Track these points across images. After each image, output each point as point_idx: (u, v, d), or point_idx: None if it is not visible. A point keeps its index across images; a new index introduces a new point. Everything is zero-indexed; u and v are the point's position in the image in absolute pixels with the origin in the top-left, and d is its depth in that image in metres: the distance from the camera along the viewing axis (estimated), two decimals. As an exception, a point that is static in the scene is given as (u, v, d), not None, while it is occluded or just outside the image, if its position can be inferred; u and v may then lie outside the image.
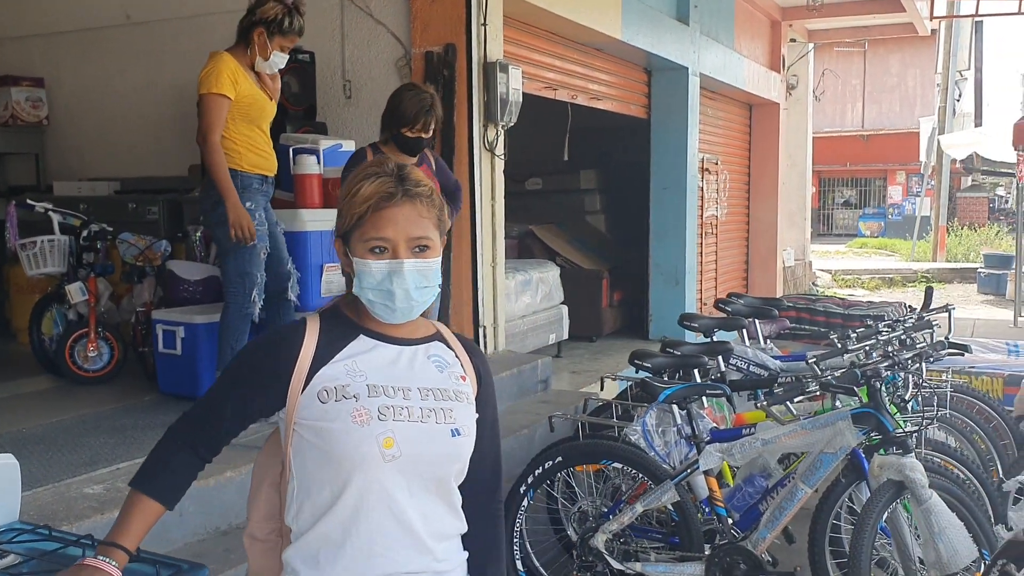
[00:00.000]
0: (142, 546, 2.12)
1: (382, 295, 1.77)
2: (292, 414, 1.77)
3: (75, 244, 5.61)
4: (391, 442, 1.72)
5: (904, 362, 3.98)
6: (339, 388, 1.75)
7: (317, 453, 1.76)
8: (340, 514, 1.74)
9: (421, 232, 1.78)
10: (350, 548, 1.75)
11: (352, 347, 1.81)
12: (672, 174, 9.59)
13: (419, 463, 1.76)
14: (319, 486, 1.76)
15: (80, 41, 7.48)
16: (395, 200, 1.76)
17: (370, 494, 1.73)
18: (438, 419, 1.78)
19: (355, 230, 1.79)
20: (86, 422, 4.71)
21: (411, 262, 1.77)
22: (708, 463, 3.94)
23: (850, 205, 32.85)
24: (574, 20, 7.13)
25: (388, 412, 1.74)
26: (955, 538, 3.53)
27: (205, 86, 4.40)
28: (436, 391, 1.81)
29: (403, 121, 4.42)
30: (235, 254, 4.51)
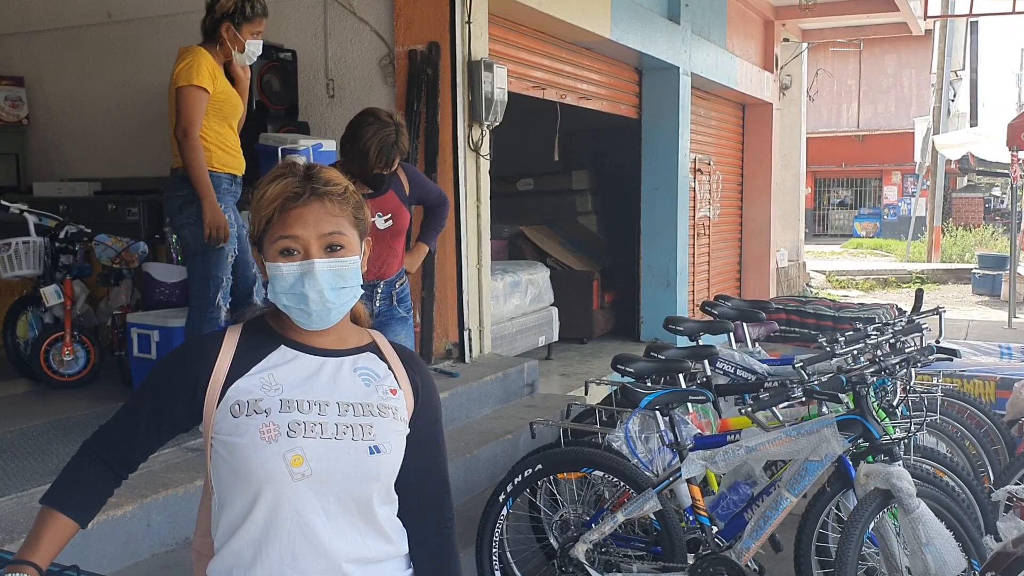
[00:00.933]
0: (100, 560, 2.04)
1: (296, 299, 1.69)
2: (208, 428, 1.70)
3: (51, 246, 5.52)
4: (300, 460, 1.64)
5: (891, 367, 3.89)
6: (251, 402, 1.67)
7: (228, 468, 1.68)
8: (250, 532, 1.67)
9: (332, 229, 1.70)
10: (260, 568, 1.67)
11: (271, 359, 1.73)
12: (663, 175, 9.51)
13: (332, 482, 1.66)
14: (231, 502, 1.69)
15: (61, 39, 7.38)
16: (302, 199, 1.69)
17: (279, 513, 1.65)
18: (355, 435, 1.69)
19: (265, 234, 1.71)
20: (56, 428, 4.60)
21: (323, 262, 1.69)
22: (690, 471, 3.85)
23: (845, 206, 32.84)
24: (562, 18, 7.04)
25: (298, 428, 1.65)
26: (943, 548, 3.45)
27: (184, 78, 4.29)
28: (357, 406, 1.72)
29: (365, 161, 3.91)
30: (202, 256, 4.42)
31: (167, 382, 1.76)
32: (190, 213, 4.35)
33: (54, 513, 1.73)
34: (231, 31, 4.39)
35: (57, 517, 1.73)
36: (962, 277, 18.61)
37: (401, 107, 6.00)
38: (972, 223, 26.88)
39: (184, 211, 4.38)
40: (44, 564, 1.69)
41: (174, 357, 1.81)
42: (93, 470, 1.77)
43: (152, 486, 3.68)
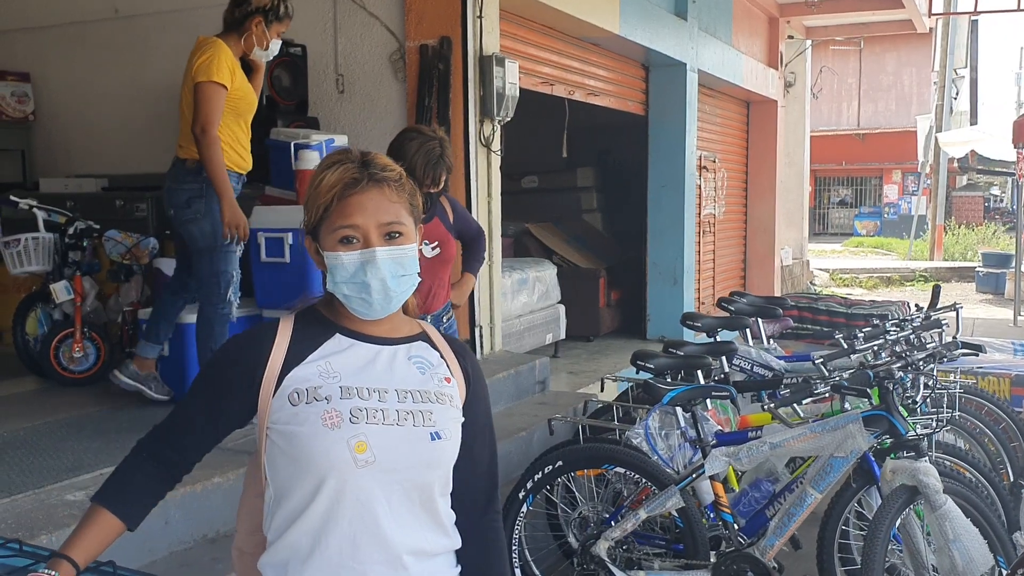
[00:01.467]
0: (118, 560, 2.00)
1: (357, 288, 1.67)
2: (264, 419, 1.66)
3: (60, 242, 5.47)
4: (364, 446, 1.61)
5: (916, 363, 3.85)
6: (311, 390, 1.64)
7: (287, 459, 1.64)
8: (310, 523, 1.63)
9: (392, 217, 1.67)
10: (318, 559, 1.63)
11: (326, 347, 1.71)
12: (670, 172, 9.47)
13: (396, 469, 1.64)
14: (290, 494, 1.65)
15: (67, 35, 7.34)
16: (361, 186, 1.66)
17: (341, 502, 1.62)
18: (416, 422, 1.67)
19: (323, 222, 1.68)
20: (70, 425, 4.56)
21: (384, 250, 1.66)
22: (714, 467, 3.80)
23: (846, 204, 32.84)
24: (571, 14, 7.01)
25: (360, 414, 1.63)
26: (971, 545, 3.41)
27: (205, 73, 4.23)
28: (415, 393, 1.70)
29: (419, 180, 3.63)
30: (210, 253, 4.38)
31: (222, 377, 1.72)
32: (199, 208, 4.30)
33: (102, 511, 1.69)
34: (261, 27, 4.36)
35: (105, 515, 1.69)
36: (965, 275, 18.59)
37: (412, 102, 5.97)
38: (972, 222, 26.88)
39: (192, 205, 4.33)
40: (83, 562, 1.66)
41: (227, 351, 1.77)
42: (146, 470, 1.74)
43: (170, 483, 3.64)
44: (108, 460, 3.93)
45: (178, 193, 4.42)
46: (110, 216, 6.08)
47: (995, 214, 30.34)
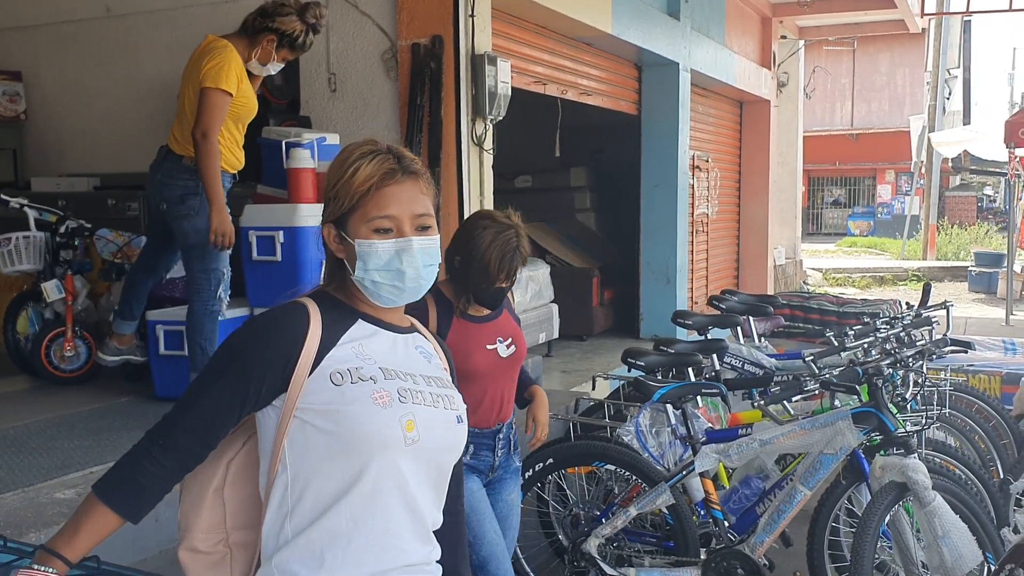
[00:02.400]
0: (107, 557, 1.99)
1: (391, 276, 1.70)
2: (294, 400, 1.64)
3: (51, 241, 5.46)
4: (412, 425, 1.66)
5: (906, 360, 3.87)
6: (353, 371, 1.66)
7: (327, 439, 1.63)
8: (353, 504, 1.63)
9: (424, 209, 1.73)
10: (363, 541, 1.64)
11: (353, 331, 1.73)
12: (663, 171, 9.48)
13: (431, 448, 1.70)
14: (324, 476, 1.63)
15: (59, 34, 7.31)
16: (397, 177, 1.71)
17: (387, 480, 1.65)
18: (446, 405, 1.75)
19: (355, 211, 1.70)
20: (60, 424, 4.55)
21: (419, 239, 1.71)
22: (704, 464, 3.82)
23: (839, 204, 32.91)
24: (564, 13, 7.01)
25: (407, 395, 1.68)
26: (959, 541, 3.43)
27: (213, 80, 4.22)
28: (434, 379, 1.78)
29: (485, 274, 3.11)
30: (201, 250, 4.39)
31: (255, 358, 1.65)
32: (193, 205, 4.31)
33: (101, 506, 1.65)
34: (271, 45, 4.38)
35: (105, 511, 1.65)
36: (958, 275, 18.65)
37: (404, 101, 5.97)
38: (965, 222, 26.96)
39: (187, 202, 4.34)
40: (75, 558, 1.63)
41: (258, 332, 1.69)
42: (153, 463, 1.67)
43: (160, 481, 3.64)
44: (98, 459, 3.93)
45: (172, 188, 4.43)
46: (102, 215, 6.07)
47: (988, 214, 30.43)
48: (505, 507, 3.30)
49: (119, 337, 5.00)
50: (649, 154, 9.51)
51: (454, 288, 3.17)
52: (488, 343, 3.15)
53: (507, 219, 3.20)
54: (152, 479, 1.67)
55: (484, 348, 3.13)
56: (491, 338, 3.16)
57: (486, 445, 3.17)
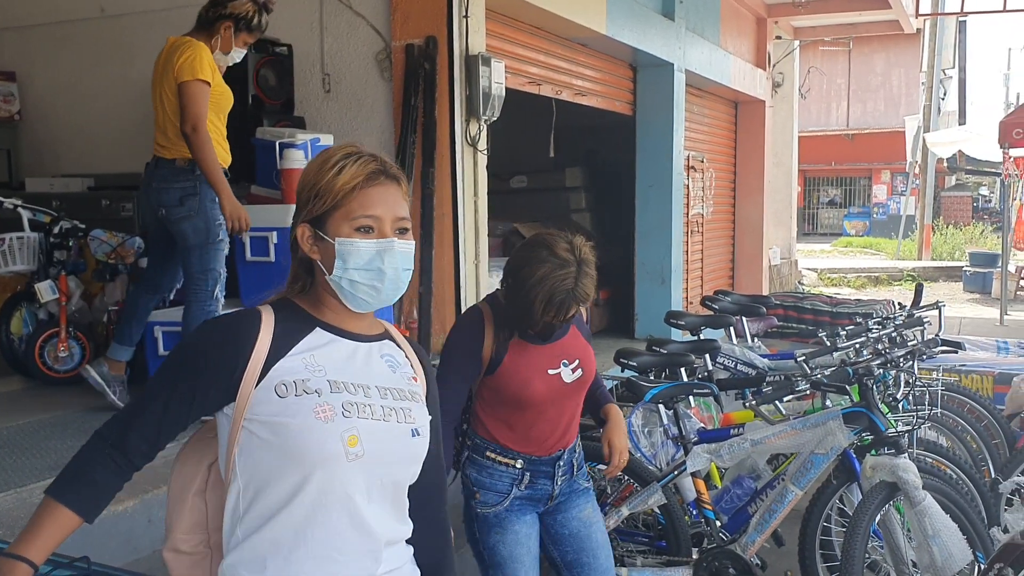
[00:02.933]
0: (101, 557, 2.00)
1: (371, 276, 1.70)
2: (242, 410, 1.65)
3: (45, 241, 5.47)
4: (356, 440, 1.63)
5: (896, 360, 3.89)
6: (299, 382, 1.64)
7: (271, 451, 1.63)
8: (294, 516, 1.63)
9: (404, 213, 1.75)
10: (303, 552, 1.63)
11: (308, 340, 1.71)
12: (658, 172, 9.49)
13: (381, 463, 1.68)
14: (271, 487, 1.64)
15: (53, 34, 7.31)
16: (381, 179, 1.72)
17: (329, 495, 1.63)
18: (399, 418, 1.72)
19: (337, 210, 1.70)
20: (54, 424, 4.56)
21: (400, 241, 1.72)
22: (696, 464, 3.83)
23: (835, 204, 32.96)
24: (558, 14, 7.01)
25: (352, 408, 1.65)
26: (949, 541, 3.45)
27: (189, 72, 4.26)
28: (394, 390, 1.75)
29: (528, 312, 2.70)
30: (200, 250, 4.40)
31: (203, 362, 1.67)
32: (192, 205, 4.31)
33: (57, 506, 1.66)
34: (230, 31, 4.40)
35: (61, 511, 1.65)
36: (953, 275, 18.68)
37: (398, 102, 5.97)
38: (961, 222, 27.01)
39: (186, 203, 4.34)
40: (39, 559, 1.63)
41: (207, 336, 1.73)
42: (105, 461, 1.69)
43: (153, 481, 3.64)
44: (91, 459, 3.93)
45: (170, 192, 4.43)
46: (96, 216, 6.06)
47: (983, 214, 30.50)
48: (579, 525, 2.95)
49: (112, 362, 4.79)
50: (644, 154, 9.52)
51: (505, 309, 2.77)
52: (550, 367, 2.77)
53: (568, 252, 2.69)
54: (104, 477, 1.70)
55: (545, 373, 2.76)
56: (554, 361, 2.79)
57: (544, 473, 2.85)
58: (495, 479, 2.83)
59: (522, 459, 2.83)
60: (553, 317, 2.68)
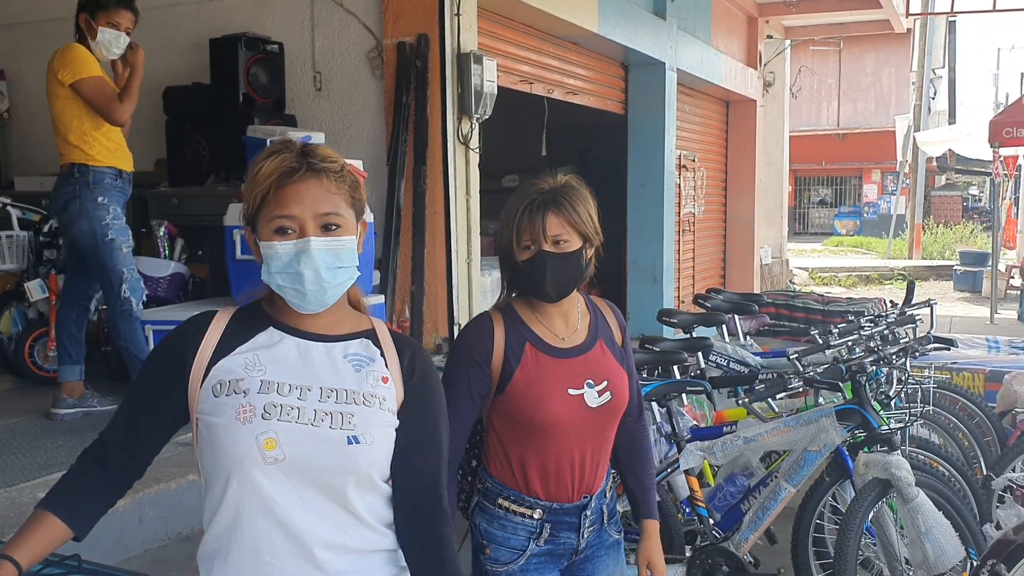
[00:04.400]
0: (91, 557, 1.98)
1: (291, 279, 1.64)
2: (193, 408, 1.65)
3: (35, 240, 5.44)
4: (273, 443, 1.57)
5: (889, 357, 3.88)
6: (232, 382, 1.62)
7: (207, 450, 1.63)
8: (224, 515, 1.62)
9: (330, 208, 1.64)
10: (236, 552, 1.62)
11: (257, 340, 1.68)
12: (649, 171, 9.50)
13: (307, 469, 1.60)
14: (212, 485, 1.64)
15: (43, 32, 7.26)
16: (298, 175, 1.63)
17: (250, 497, 1.60)
18: (333, 423, 1.61)
19: (260, 211, 1.65)
20: (43, 424, 4.54)
21: (319, 240, 1.63)
22: (689, 462, 3.82)
23: (826, 204, 33.05)
24: (550, 12, 7.01)
25: (274, 410, 1.59)
26: (942, 537, 3.44)
27: (72, 73, 4.32)
28: (341, 392, 1.65)
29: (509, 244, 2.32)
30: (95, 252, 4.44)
31: (159, 370, 1.69)
32: (74, 210, 4.40)
33: (47, 515, 1.65)
34: (86, 21, 4.42)
35: (50, 520, 1.65)
36: (943, 274, 18.74)
37: (390, 100, 5.96)
38: (951, 221, 27.12)
39: (69, 208, 4.42)
40: (25, 563, 1.61)
41: (162, 344, 1.74)
42: (93, 476, 1.69)
43: (144, 481, 3.58)
44: (81, 458, 3.91)
45: (57, 200, 4.50)
46: (86, 214, 6.04)
47: (973, 213, 30.63)
48: None
49: (68, 386, 4.74)
50: (636, 153, 9.53)
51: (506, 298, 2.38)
52: (571, 386, 2.28)
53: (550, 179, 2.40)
54: (89, 493, 1.69)
55: (565, 392, 2.27)
56: (576, 380, 2.29)
57: (567, 525, 2.34)
58: (509, 532, 2.33)
59: (541, 507, 2.31)
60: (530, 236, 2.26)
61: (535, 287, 2.28)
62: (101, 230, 4.39)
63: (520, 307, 2.34)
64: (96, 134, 4.40)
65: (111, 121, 4.34)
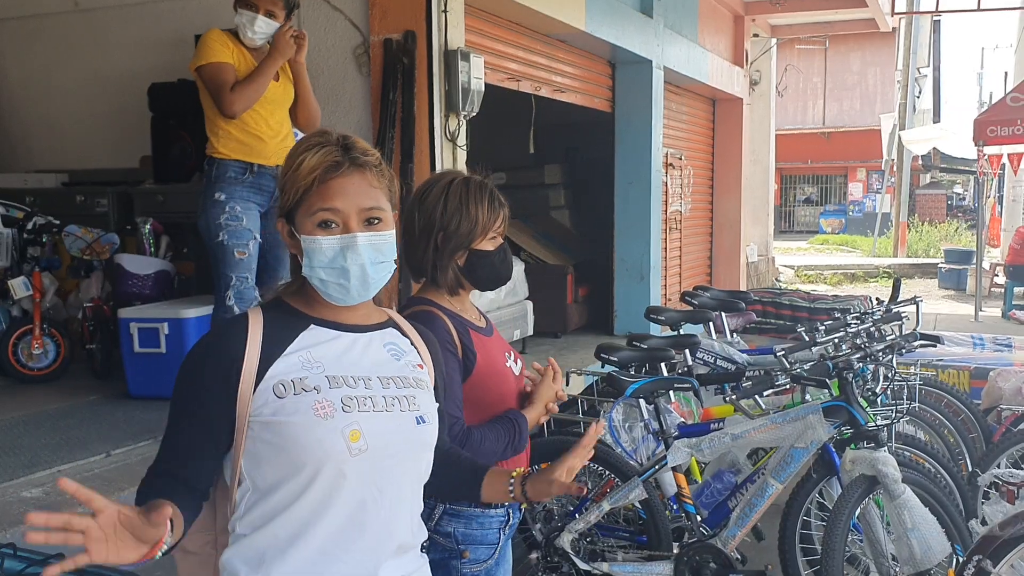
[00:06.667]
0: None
1: (335, 273, 1.64)
2: (244, 416, 1.61)
3: (19, 237, 5.40)
4: (358, 435, 1.59)
5: (876, 354, 3.90)
6: (296, 381, 1.61)
7: (274, 452, 1.60)
8: (298, 514, 1.60)
9: (372, 203, 1.66)
10: (301, 547, 1.60)
11: (303, 338, 1.67)
12: (637, 169, 9.50)
13: (387, 455, 1.64)
14: (275, 487, 1.61)
15: (25, 28, 7.23)
16: (343, 170, 1.64)
17: (337, 491, 1.60)
18: (403, 407, 1.67)
19: (300, 205, 1.65)
20: (27, 422, 4.50)
21: (365, 235, 1.64)
22: (676, 459, 3.83)
23: (811, 202, 33.19)
24: (538, 10, 7.00)
25: (352, 403, 1.61)
26: (928, 534, 3.46)
27: (194, 63, 4.12)
28: (396, 379, 1.71)
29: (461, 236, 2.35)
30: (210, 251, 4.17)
31: (199, 384, 1.63)
32: (200, 203, 4.18)
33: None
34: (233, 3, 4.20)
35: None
36: (928, 272, 18.84)
37: (376, 97, 5.94)
38: (936, 219, 27.26)
39: (199, 201, 4.21)
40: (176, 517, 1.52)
41: (198, 354, 1.67)
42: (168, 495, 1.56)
43: (129, 479, 3.61)
44: (66, 457, 3.88)
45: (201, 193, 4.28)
46: (71, 212, 6.02)
47: (958, 211, 30.81)
48: None
49: None
50: (623, 151, 9.53)
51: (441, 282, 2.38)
52: (504, 360, 2.41)
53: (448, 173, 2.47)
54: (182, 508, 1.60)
55: (505, 367, 2.39)
56: (503, 354, 2.42)
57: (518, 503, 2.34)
58: (486, 528, 2.32)
59: None
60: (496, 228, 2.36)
61: (496, 276, 2.40)
62: (213, 229, 4.11)
63: (437, 298, 2.35)
64: (225, 125, 4.13)
65: (222, 113, 4.08)
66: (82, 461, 3.86)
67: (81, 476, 3.69)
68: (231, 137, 4.18)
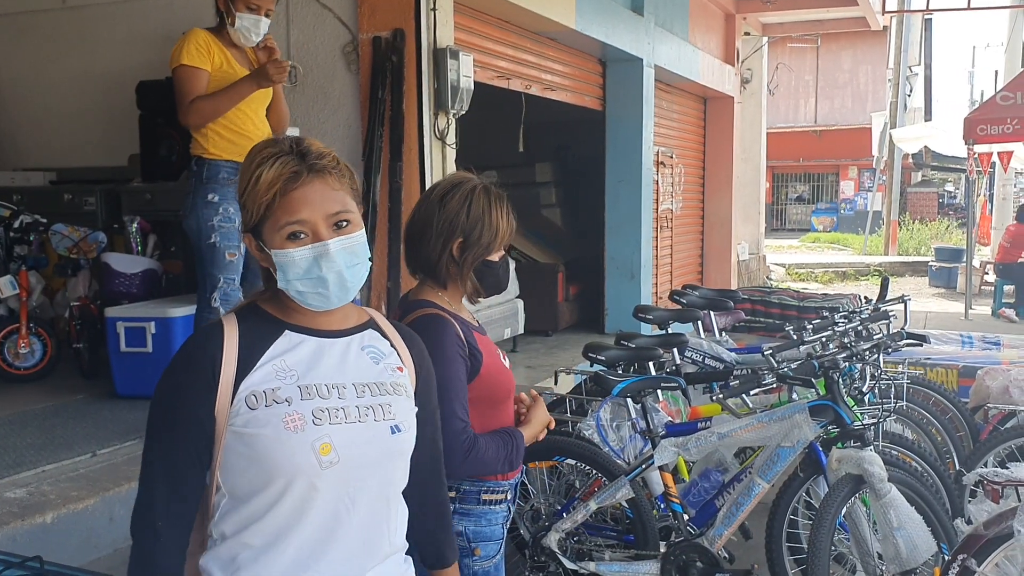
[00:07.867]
0: (60, 555, 1.95)
1: (313, 283, 1.62)
2: (222, 425, 1.59)
3: (5, 235, 5.38)
4: (328, 448, 1.57)
5: (862, 353, 3.90)
6: (268, 392, 1.59)
7: (246, 463, 1.58)
8: (271, 524, 1.59)
9: (338, 207, 1.63)
10: (276, 557, 1.60)
11: (277, 345, 1.65)
12: (627, 167, 9.51)
13: (360, 466, 1.61)
14: (250, 497, 1.59)
15: (13, 25, 7.19)
16: (302, 179, 1.61)
17: (308, 504, 1.58)
18: (376, 416, 1.64)
19: (265, 220, 1.62)
20: (13, 422, 4.48)
21: (336, 241, 1.62)
22: (663, 458, 3.83)
23: (803, 200, 33.25)
24: (527, 8, 6.99)
25: (323, 415, 1.59)
26: (914, 533, 3.46)
27: (173, 61, 4.06)
28: (372, 385, 1.68)
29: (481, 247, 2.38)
30: (197, 252, 4.15)
31: (180, 398, 1.60)
32: (187, 203, 4.13)
33: None
34: (225, 1, 4.12)
35: None
36: (918, 270, 18.89)
37: (365, 95, 5.93)
38: (926, 217, 27.33)
39: (186, 200, 4.17)
40: None
41: (176, 371, 1.64)
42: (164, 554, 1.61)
43: (114, 479, 3.60)
44: (51, 457, 3.87)
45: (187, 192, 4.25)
46: (59, 210, 5.99)
47: (948, 210, 30.87)
48: None
49: None
50: (614, 150, 9.53)
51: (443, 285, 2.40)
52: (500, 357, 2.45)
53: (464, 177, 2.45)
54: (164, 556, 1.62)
55: (503, 362, 2.44)
56: (497, 351, 2.45)
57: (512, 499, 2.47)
58: (494, 524, 2.39)
59: (509, 487, 2.41)
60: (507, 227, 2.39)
61: (498, 285, 2.44)
62: (205, 231, 4.08)
63: (436, 299, 2.37)
64: (212, 124, 4.08)
65: (179, 118, 4.05)
66: (68, 461, 3.84)
67: (67, 476, 3.68)
68: (220, 137, 4.14)
